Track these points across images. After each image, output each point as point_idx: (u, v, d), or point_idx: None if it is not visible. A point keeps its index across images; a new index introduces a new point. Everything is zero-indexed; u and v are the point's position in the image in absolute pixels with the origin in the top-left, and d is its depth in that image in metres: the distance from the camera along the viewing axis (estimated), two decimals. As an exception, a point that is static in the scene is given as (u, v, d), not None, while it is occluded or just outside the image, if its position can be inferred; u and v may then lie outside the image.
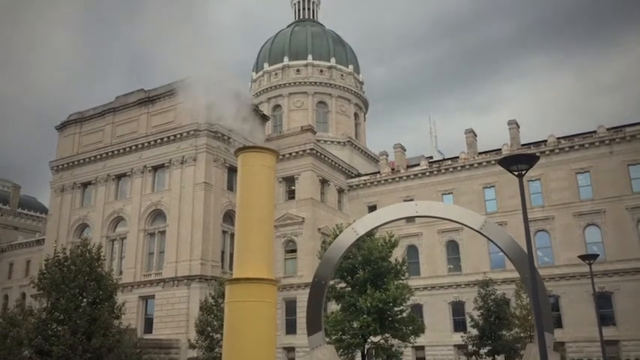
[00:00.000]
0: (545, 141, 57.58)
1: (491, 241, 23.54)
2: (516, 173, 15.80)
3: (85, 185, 64.46)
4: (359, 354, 40.16)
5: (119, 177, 62.16)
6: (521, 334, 41.08)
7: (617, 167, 53.51)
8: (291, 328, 56.86)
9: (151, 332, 52.66)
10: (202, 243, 53.83)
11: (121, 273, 56.64)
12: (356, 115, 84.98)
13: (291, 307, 57.22)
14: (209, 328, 37.35)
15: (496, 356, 43.40)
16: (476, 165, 59.98)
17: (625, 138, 53.82)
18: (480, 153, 61.38)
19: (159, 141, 59.22)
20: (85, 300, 31.26)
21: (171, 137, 58.46)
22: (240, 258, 15.48)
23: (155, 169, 59.77)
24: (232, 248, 56.04)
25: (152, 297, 54.77)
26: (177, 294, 52.87)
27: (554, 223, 54.97)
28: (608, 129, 55.19)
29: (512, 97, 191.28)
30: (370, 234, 36.06)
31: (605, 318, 47.41)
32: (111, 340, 31.10)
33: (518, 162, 15.60)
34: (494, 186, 58.40)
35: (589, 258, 28.38)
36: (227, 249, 57.42)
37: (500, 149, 58.36)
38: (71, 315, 30.22)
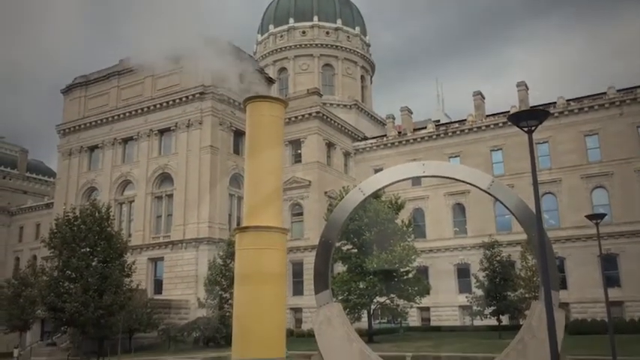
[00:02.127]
0: (554, 103, 56.85)
1: (499, 200, 23.23)
2: (525, 129, 15.58)
3: (92, 149, 64.71)
4: (365, 314, 40.84)
5: (126, 140, 62.27)
6: (526, 295, 41.47)
7: (627, 129, 52.94)
8: (298, 289, 57.71)
9: (160, 293, 53.70)
10: (209, 206, 54.26)
11: (129, 236, 57.33)
12: (362, 77, 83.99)
13: (297, 269, 57.93)
14: (217, 287, 37.96)
15: (500, 316, 44.00)
16: (483, 127, 59.50)
17: (635, 99, 53.07)
18: (488, 115, 60.80)
19: (164, 104, 59.05)
20: (95, 258, 31.77)
21: (177, 100, 58.27)
22: (250, 207, 15.50)
23: (161, 132, 59.79)
24: (239, 211, 56.80)
25: (161, 259, 55.64)
26: (185, 256, 53.66)
27: (562, 186, 54.80)
28: (618, 90, 54.38)
29: (521, 60, 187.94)
30: (376, 195, 36.18)
31: (610, 279, 47.59)
32: (122, 297, 31.76)
33: (529, 117, 15.31)
34: (501, 149, 58.05)
35: (596, 218, 28.06)
36: (234, 212, 57.86)
37: (508, 111, 57.68)
38: (82, 273, 30.82)
